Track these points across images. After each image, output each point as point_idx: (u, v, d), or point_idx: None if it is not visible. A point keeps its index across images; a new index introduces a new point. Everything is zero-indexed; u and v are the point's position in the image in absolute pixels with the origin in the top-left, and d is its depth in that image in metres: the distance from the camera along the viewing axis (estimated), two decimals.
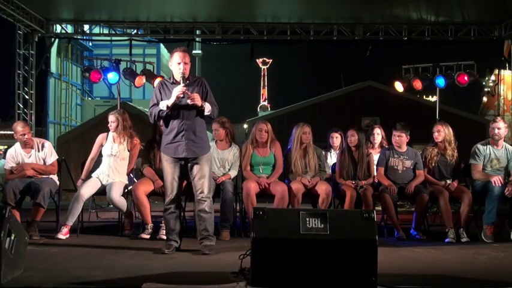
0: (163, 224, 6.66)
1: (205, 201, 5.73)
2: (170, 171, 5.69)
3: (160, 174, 6.90)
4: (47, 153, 6.90)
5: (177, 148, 5.64)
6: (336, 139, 7.95)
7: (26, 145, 6.86)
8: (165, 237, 6.01)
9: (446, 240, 6.64)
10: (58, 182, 7.00)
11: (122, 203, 6.78)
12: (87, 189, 6.71)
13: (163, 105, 5.54)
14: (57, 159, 7.02)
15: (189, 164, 5.68)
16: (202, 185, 5.71)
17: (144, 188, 6.80)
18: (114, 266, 5.12)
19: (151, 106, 5.64)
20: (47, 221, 6.94)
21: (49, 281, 4.41)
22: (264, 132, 7.08)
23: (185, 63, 5.58)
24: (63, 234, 6.53)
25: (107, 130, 7.01)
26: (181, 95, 5.50)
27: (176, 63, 5.62)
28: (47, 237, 6.57)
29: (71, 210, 6.60)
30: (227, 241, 6.50)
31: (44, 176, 6.84)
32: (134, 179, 7.30)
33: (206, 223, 5.75)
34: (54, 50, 17.53)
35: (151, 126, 6.99)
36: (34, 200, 6.58)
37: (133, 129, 7.05)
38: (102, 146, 6.99)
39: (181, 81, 5.54)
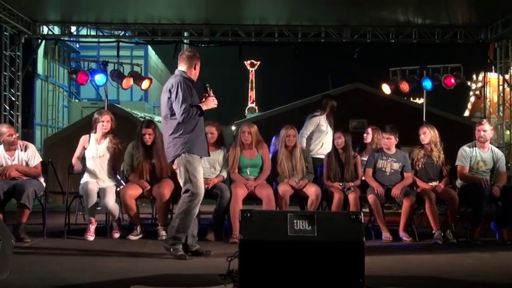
0: (160, 227, 6.68)
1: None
2: (202, 172, 5.61)
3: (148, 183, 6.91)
4: (30, 156, 6.84)
5: (205, 148, 5.68)
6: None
7: (11, 147, 6.80)
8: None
9: (433, 241, 6.68)
10: (44, 184, 6.95)
11: (116, 209, 6.81)
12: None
13: (199, 108, 5.49)
14: (42, 162, 6.97)
15: None
16: None
17: (133, 193, 6.82)
18: (103, 268, 5.11)
19: (187, 106, 5.38)
20: (34, 223, 6.90)
21: (36, 284, 4.40)
22: (247, 134, 7.08)
23: None
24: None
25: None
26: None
27: (198, 67, 5.70)
28: (33, 240, 6.52)
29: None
30: (215, 243, 6.49)
31: (29, 178, 6.78)
32: (122, 181, 7.27)
33: (197, 226, 5.84)
34: (41, 51, 17.40)
35: (136, 132, 6.99)
36: (18, 200, 6.53)
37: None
38: (85, 148, 6.95)
39: (208, 87, 5.62)
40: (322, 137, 8.12)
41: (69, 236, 6.83)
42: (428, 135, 7.16)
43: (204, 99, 5.58)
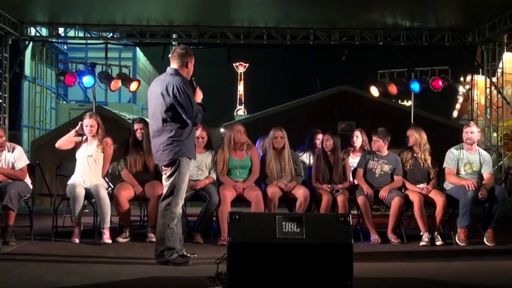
0: (149, 229, 6.65)
1: None
2: (188, 176, 5.52)
3: (138, 178, 6.90)
4: (16, 158, 6.75)
5: (194, 150, 5.58)
6: (319, 140, 8.01)
7: None
8: (154, 239, 5.85)
9: (421, 243, 6.70)
10: (31, 186, 6.88)
11: (107, 202, 6.64)
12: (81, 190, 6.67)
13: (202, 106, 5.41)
14: (28, 164, 6.89)
15: None
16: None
17: (127, 194, 6.81)
18: (90, 271, 5.08)
19: (198, 108, 5.33)
20: (21, 226, 6.85)
21: (23, 287, 4.36)
22: (240, 134, 7.07)
23: None
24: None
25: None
26: None
27: (192, 65, 5.55)
28: (20, 243, 6.47)
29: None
30: (203, 246, 6.48)
31: (12, 181, 6.69)
32: (110, 183, 7.25)
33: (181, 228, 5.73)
34: (28, 53, 17.32)
35: (129, 128, 7.02)
36: (1, 202, 6.45)
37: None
38: (76, 144, 6.89)
39: (194, 84, 5.50)
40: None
41: (56, 239, 6.78)
42: (413, 137, 7.20)
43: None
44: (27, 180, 6.83)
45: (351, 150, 7.94)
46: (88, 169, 6.82)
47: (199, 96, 5.47)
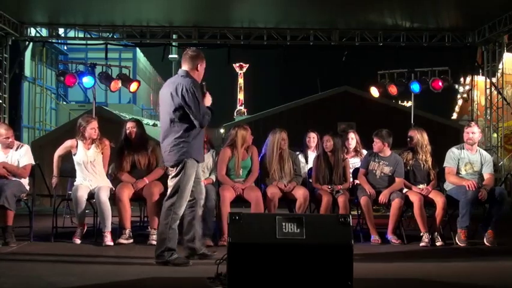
0: (150, 229, 6.65)
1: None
2: (193, 177, 5.50)
3: (134, 176, 6.92)
4: (22, 155, 6.77)
5: (202, 153, 5.64)
6: (313, 139, 8.02)
7: (7, 147, 6.75)
8: (155, 242, 5.80)
9: (421, 244, 6.70)
10: (28, 187, 6.86)
11: (108, 206, 6.63)
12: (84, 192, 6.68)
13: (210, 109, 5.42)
14: (32, 164, 6.88)
15: None
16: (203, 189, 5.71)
17: (128, 192, 6.80)
18: (88, 272, 5.08)
19: (206, 111, 5.37)
20: (20, 226, 6.84)
21: None
22: (251, 135, 7.09)
23: None
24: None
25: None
26: None
27: (203, 68, 5.56)
28: (20, 243, 6.47)
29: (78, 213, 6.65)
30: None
31: (13, 178, 6.66)
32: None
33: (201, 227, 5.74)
34: (28, 53, 17.31)
35: (122, 132, 7.06)
36: None
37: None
38: (71, 151, 6.90)
39: (204, 88, 5.49)
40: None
41: (56, 240, 6.78)
42: (414, 138, 7.20)
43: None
44: (25, 180, 6.81)
45: (345, 152, 7.93)
46: (93, 174, 6.82)
47: (208, 101, 5.48)
